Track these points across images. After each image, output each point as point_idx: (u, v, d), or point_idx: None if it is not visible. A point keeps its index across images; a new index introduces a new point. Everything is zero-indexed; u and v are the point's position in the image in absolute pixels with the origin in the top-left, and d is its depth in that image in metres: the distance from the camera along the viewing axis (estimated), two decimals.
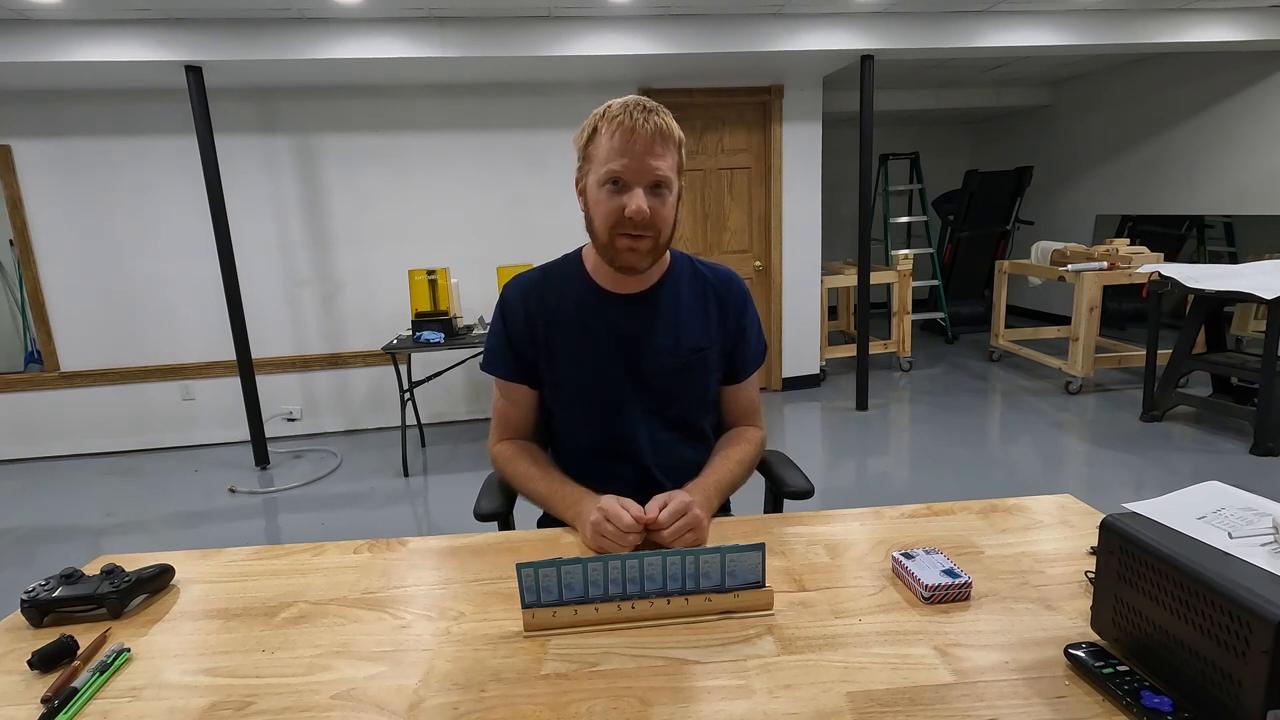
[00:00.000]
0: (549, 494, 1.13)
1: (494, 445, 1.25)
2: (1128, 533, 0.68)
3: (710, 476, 1.13)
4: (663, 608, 0.81)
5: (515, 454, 1.21)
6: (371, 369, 4.30)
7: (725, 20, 3.62)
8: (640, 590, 0.82)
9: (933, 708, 0.64)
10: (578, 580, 0.81)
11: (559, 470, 1.17)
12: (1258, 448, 3.23)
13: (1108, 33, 3.91)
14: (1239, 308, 4.18)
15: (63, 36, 3.15)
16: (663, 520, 0.95)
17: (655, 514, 0.96)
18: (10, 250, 3.91)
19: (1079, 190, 6.17)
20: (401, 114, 4.06)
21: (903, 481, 3.20)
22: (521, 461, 1.19)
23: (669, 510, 0.96)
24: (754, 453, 1.24)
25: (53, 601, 0.84)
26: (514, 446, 1.22)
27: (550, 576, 0.80)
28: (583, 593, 0.81)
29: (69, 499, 3.47)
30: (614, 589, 0.82)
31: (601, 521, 0.96)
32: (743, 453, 1.21)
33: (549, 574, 0.80)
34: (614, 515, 0.96)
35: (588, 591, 0.81)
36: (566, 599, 0.81)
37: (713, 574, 0.82)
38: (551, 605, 0.80)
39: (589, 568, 0.81)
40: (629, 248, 1.08)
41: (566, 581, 0.80)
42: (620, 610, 0.81)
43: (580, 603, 0.81)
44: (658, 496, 1.00)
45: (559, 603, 0.81)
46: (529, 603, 0.80)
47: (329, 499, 3.29)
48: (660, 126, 1.05)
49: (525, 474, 1.17)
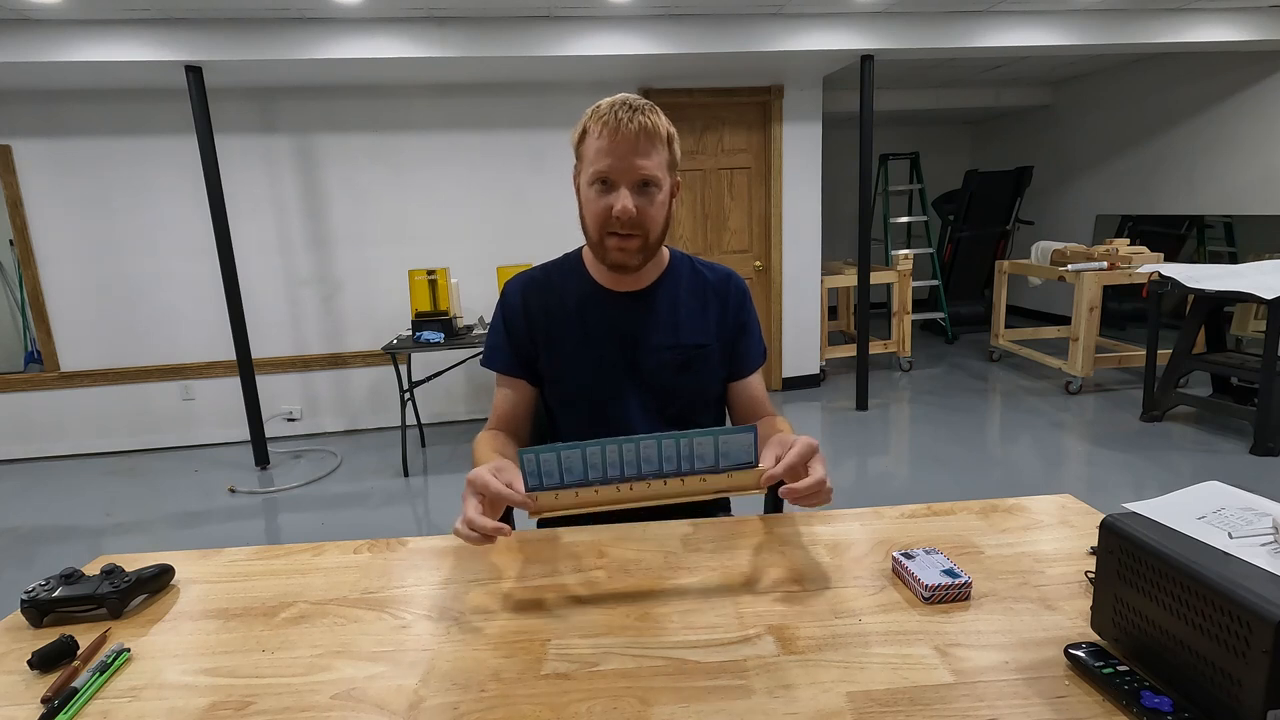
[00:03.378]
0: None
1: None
2: (1128, 533, 0.68)
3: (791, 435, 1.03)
4: (659, 488, 0.85)
5: (482, 440, 1.16)
6: (371, 369, 4.30)
7: (725, 20, 3.62)
8: (638, 472, 0.85)
9: (933, 708, 0.64)
10: (577, 464, 0.84)
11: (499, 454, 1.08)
12: (1258, 448, 3.23)
13: (1108, 33, 3.91)
14: (1239, 308, 4.19)
15: (63, 36, 3.15)
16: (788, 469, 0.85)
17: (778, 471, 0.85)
18: (10, 250, 3.91)
19: (1079, 190, 6.17)
20: (401, 114, 4.06)
21: (903, 481, 3.20)
22: (482, 446, 1.13)
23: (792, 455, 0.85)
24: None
25: (53, 601, 0.84)
26: (486, 434, 1.19)
27: (550, 461, 0.83)
28: (582, 476, 0.84)
29: (69, 499, 3.47)
30: (612, 471, 0.84)
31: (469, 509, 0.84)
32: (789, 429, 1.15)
33: (549, 459, 0.83)
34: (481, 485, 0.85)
35: (587, 475, 0.84)
36: (568, 482, 0.84)
37: (706, 456, 0.85)
38: (554, 489, 0.84)
39: (587, 452, 0.84)
40: (618, 247, 1.09)
41: (566, 465, 0.84)
42: (619, 491, 0.84)
43: (581, 485, 0.84)
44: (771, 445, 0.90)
45: (560, 485, 0.84)
46: (532, 486, 0.83)
47: (329, 499, 3.29)
48: (646, 125, 1.04)
49: (477, 457, 1.10)
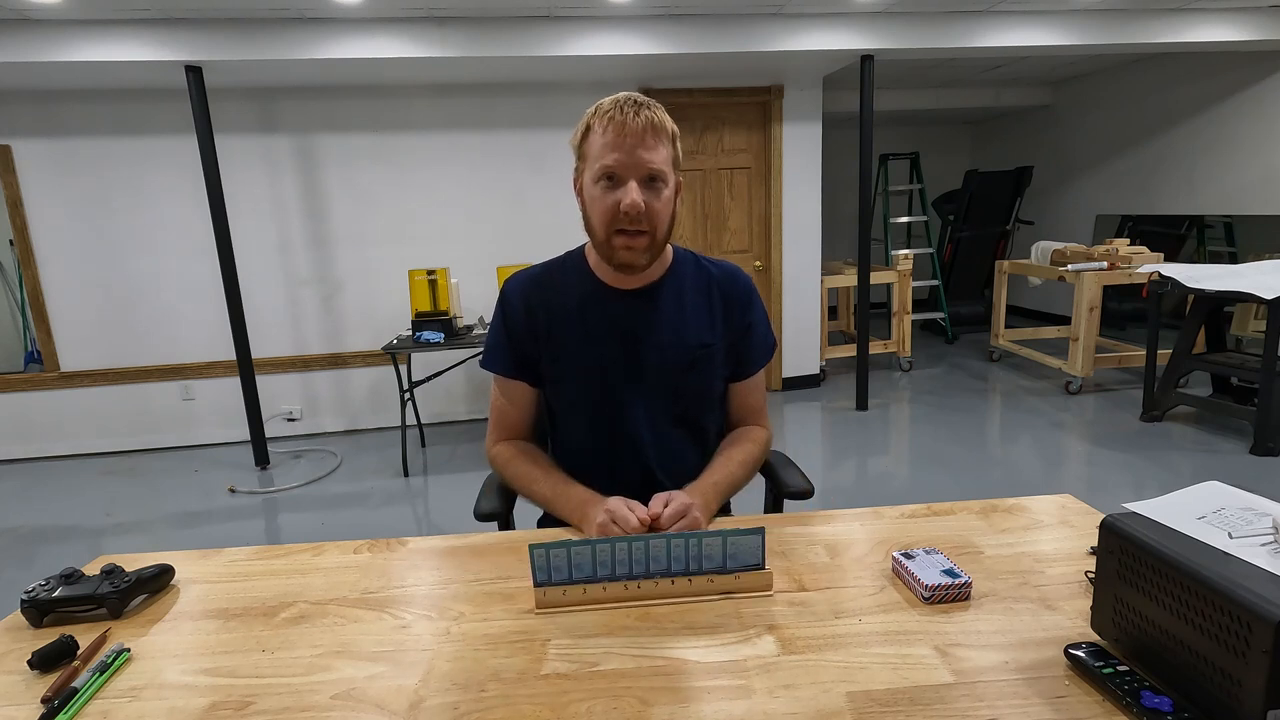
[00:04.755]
0: (553, 496, 1.12)
1: (492, 446, 1.24)
2: (1128, 533, 0.68)
3: (711, 477, 1.13)
4: (667, 588, 0.85)
5: (515, 455, 1.19)
6: (371, 369, 4.30)
7: (725, 20, 3.62)
8: (646, 571, 0.85)
9: (933, 708, 0.64)
10: (586, 560, 0.84)
11: (560, 471, 1.16)
12: (1258, 448, 3.22)
13: (1108, 33, 3.91)
14: (1239, 308, 4.18)
15: (63, 36, 3.15)
16: (664, 521, 0.97)
17: (659, 511, 0.98)
18: (10, 250, 3.91)
19: (1079, 190, 6.17)
20: (401, 114, 4.06)
21: (903, 481, 3.20)
22: (523, 463, 1.18)
23: (670, 511, 0.98)
24: (758, 453, 1.22)
25: (53, 601, 0.84)
26: (513, 448, 1.21)
27: (560, 556, 0.83)
28: (591, 572, 0.84)
29: (69, 499, 3.47)
30: (621, 569, 0.85)
31: (608, 524, 0.97)
32: (745, 453, 1.20)
33: (559, 554, 0.83)
34: (621, 518, 0.97)
35: (596, 571, 0.84)
36: (576, 578, 0.84)
37: (715, 556, 0.85)
38: (562, 584, 0.84)
39: (597, 549, 0.84)
40: (625, 246, 1.08)
41: (576, 561, 0.84)
42: (626, 589, 0.84)
43: (589, 582, 0.84)
44: (659, 495, 1.01)
45: (569, 581, 0.84)
46: (540, 581, 0.84)
47: (329, 499, 3.29)
48: (651, 120, 1.04)
49: (527, 475, 1.16)
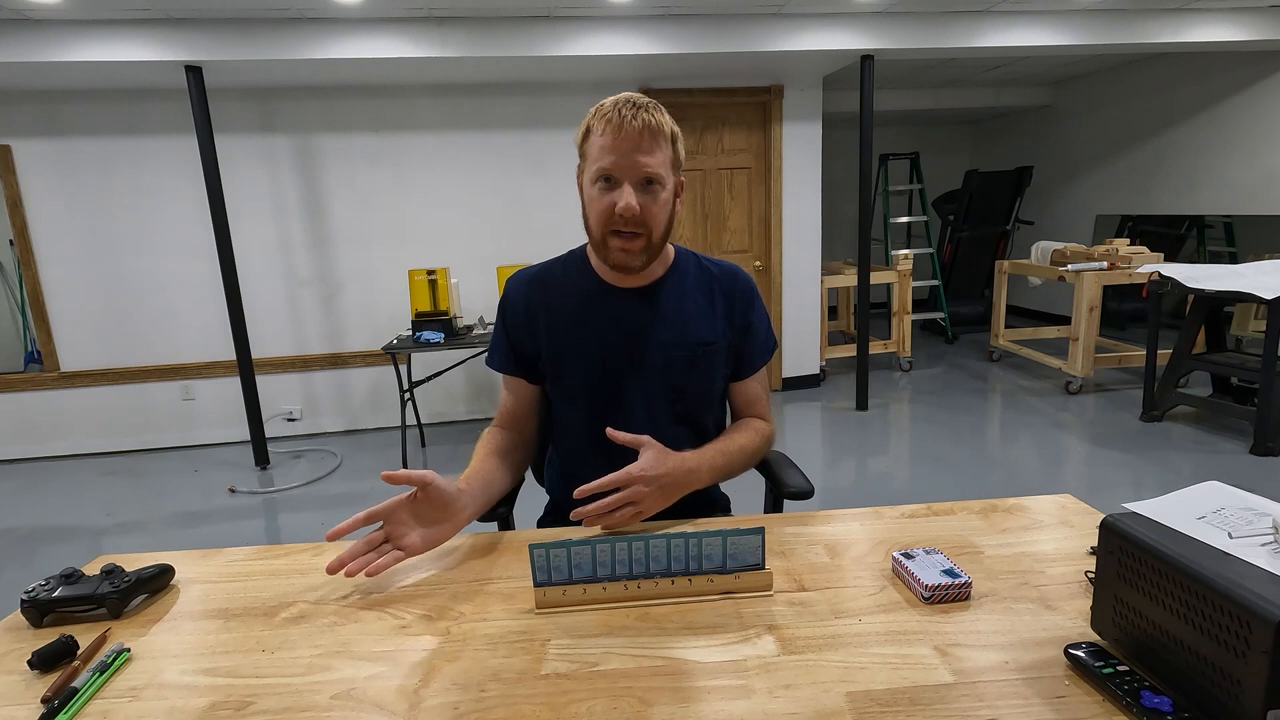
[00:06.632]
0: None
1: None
2: (1128, 533, 0.68)
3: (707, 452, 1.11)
4: (667, 588, 0.84)
5: (483, 442, 1.18)
6: (371, 369, 4.30)
7: (725, 20, 3.62)
8: (646, 571, 0.85)
9: (933, 708, 0.64)
10: (586, 560, 0.84)
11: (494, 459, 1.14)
12: (1258, 448, 3.23)
13: (1108, 33, 3.91)
14: (1239, 308, 4.18)
15: (63, 36, 3.15)
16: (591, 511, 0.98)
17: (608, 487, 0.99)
18: (10, 250, 3.91)
19: (1079, 190, 6.17)
20: (401, 114, 4.06)
21: (903, 481, 3.20)
22: (479, 449, 1.16)
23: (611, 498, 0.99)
24: (758, 442, 1.21)
25: (53, 601, 0.84)
26: (487, 436, 1.20)
27: (560, 556, 0.83)
28: (591, 572, 0.84)
29: (69, 499, 3.47)
30: (621, 569, 0.85)
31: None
32: (746, 439, 1.19)
33: (559, 554, 0.83)
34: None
35: (596, 571, 0.84)
36: (576, 578, 0.84)
37: (715, 556, 0.85)
38: (562, 584, 0.84)
39: (597, 549, 0.84)
40: (621, 248, 1.08)
41: (576, 561, 0.84)
42: (626, 589, 0.84)
43: (589, 581, 0.84)
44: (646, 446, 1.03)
45: (569, 581, 0.84)
46: (540, 581, 0.84)
47: (329, 499, 3.29)
48: (649, 122, 1.03)
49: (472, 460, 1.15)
